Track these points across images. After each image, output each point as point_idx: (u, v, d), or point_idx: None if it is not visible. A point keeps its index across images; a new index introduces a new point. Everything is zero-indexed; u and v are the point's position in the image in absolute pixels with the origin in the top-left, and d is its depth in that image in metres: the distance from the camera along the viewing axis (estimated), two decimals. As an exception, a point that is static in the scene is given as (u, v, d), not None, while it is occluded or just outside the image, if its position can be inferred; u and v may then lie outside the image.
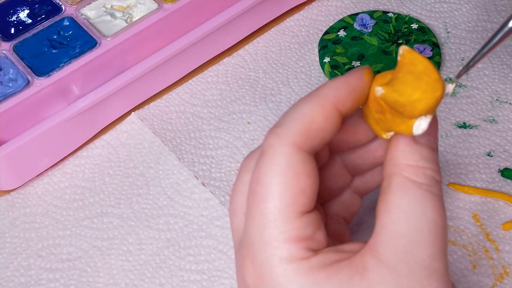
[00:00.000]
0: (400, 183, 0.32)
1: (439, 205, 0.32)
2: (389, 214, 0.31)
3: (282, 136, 0.32)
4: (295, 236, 0.31)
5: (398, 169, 0.32)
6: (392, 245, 0.31)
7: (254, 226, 0.32)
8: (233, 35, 0.60)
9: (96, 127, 0.55)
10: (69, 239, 0.50)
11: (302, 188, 0.31)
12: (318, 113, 0.32)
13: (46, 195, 0.53)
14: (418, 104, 0.31)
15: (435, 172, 0.32)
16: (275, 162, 0.32)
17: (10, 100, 0.51)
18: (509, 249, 0.47)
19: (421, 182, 0.32)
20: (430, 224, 0.31)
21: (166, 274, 0.48)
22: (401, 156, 0.33)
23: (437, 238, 0.31)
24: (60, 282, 0.48)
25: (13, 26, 0.56)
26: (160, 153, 0.54)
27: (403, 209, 0.31)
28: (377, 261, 0.30)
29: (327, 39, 0.60)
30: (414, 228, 0.31)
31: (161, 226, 0.50)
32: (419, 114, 0.31)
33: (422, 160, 0.32)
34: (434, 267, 0.31)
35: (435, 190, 0.32)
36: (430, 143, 0.33)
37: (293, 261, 0.31)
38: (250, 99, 0.57)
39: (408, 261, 0.30)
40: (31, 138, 0.51)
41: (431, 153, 0.33)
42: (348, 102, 0.33)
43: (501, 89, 0.56)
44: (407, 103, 0.31)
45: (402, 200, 0.31)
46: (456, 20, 0.61)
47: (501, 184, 0.50)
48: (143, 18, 0.55)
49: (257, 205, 0.32)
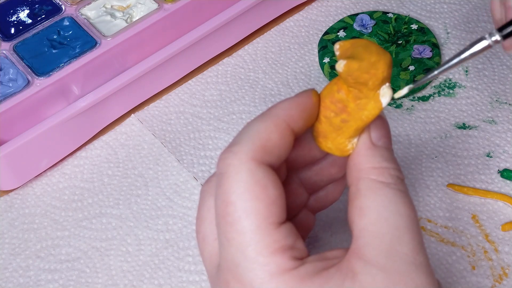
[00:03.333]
0: (368, 186, 0.33)
1: (408, 201, 0.33)
2: (365, 217, 0.32)
3: (240, 154, 0.32)
4: (279, 247, 0.31)
5: (363, 173, 0.33)
6: (376, 245, 0.31)
7: (234, 248, 0.32)
8: (232, 36, 0.60)
9: (95, 128, 0.55)
10: (68, 240, 0.50)
11: (272, 199, 0.32)
12: (272, 131, 0.33)
13: (45, 195, 0.53)
14: (379, 64, 0.33)
15: (398, 171, 0.34)
16: (239, 179, 0.32)
17: (10, 100, 0.51)
18: (508, 250, 0.47)
19: (389, 182, 0.33)
20: (406, 220, 0.32)
21: (165, 275, 0.48)
22: (364, 160, 0.34)
23: (415, 232, 0.32)
24: (59, 282, 0.48)
25: (13, 26, 0.56)
26: (159, 154, 0.54)
27: (378, 210, 0.32)
28: (365, 263, 0.31)
29: (326, 39, 0.60)
30: (393, 226, 0.32)
31: (160, 226, 0.50)
32: (382, 76, 0.33)
33: (385, 161, 0.34)
34: (418, 261, 0.31)
35: (402, 187, 0.33)
36: (387, 145, 0.35)
37: (283, 273, 0.31)
38: (249, 99, 0.57)
39: (394, 258, 0.31)
40: (31, 138, 0.51)
41: (390, 153, 0.34)
42: (300, 121, 0.34)
43: (500, 90, 0.56)
44: (370, 65, 0.33)
45: (374, 201, 0.32)
46: (456, 20, 0.61)
47: (500, 185, 0.50)
48: (143, 18, 0.55)
49: (231, 226, 0.32)
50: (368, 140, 0.34)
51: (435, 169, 0.51)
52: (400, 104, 0.56)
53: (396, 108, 0.55)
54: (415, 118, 0.55)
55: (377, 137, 0.35)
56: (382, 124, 0.35)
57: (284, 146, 0.34)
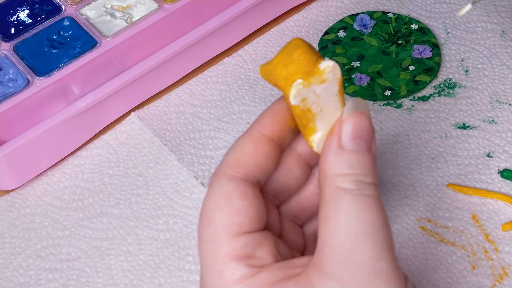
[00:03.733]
0: (331, 194, 0.32)
1: (373, 203, 0.32)
2: (327, 227, 0.31)
3: (217, 171, 0.34)
4: (236, 255, 0.32)
5: (328, 181, 0.32)
6: (334, 256, 0.30)
7: (201, 257, 0.33)
8: (233, 35, 0.60)
9: (95, 127, 0.55)
10: (69, 239, 0.50)
11: (235, 209, 0.32)
12: (245, 143, 0.34)
13: (45, 195, 0.53)
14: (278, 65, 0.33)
15: (365, 176, 0.32)
16: (211, 193, 0.33)
17: (10, 100, 0.51)
18: (508, 250, 0.47)
19: (351, 188, 0.32)
20: (367, 226, 0.31)
21: (165, 274, 0.48)
22: (328, 166, 0.33)
23: (377, 237, 0.31)
24: (60, 282, 0.48)
25: (13, 26, 0.56)
26: (159, 153, 0.54)
27: (338, 219, 0.31)
28: (322, 275, 0.30)
29: (327, 39, 0.60)
30: (352, 235, 0.31)
31: (161, 226, 0.50)
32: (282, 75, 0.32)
33: (349, 168, 0.32)
34: (378, 268, 0.30)
35: (367, 191, 0.32)
36: (359, 146, 0.33)
37: (239, 280, 0.31)
38: (249, 99, 0.57)
39: (351, 268, 0.30)
40: (31, 138, 0.51)
41: (359, 157, 0.33)
42: (274, 125, 0.35)
43: (500, 89, 0.56)
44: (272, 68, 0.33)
45: (336, 210, 0.31)
46: (456, 20, 0.61)
47: (500, 185, 0.50)
48: (143, 18, 0.55)
49: (199, 236, 0.33)
50: (335, 143, 0.33)
51: (435, 169, 0.51)
52: (400, 104, 0.56)
53: (396, 108, 0.55)
54: (415, 118, 0.55)
55: (347, 138, 0.33)
56: (357, 123, 0.33)
57: (262, 154, 0.34)
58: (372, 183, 0.32)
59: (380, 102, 0.56)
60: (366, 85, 0.56)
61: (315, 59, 0.33)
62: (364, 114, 0.33)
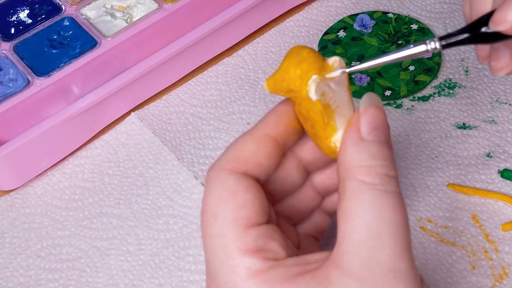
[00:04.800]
0: (354, 187, 0.31)
1: (396, 202, 0.31)
2: (348, 222, 0.31)
3: (215, 166, 0.34)
4: (247, 249, 0.31)
5: (349, 173, 0.32)
6: (354, 254, 0.30)
7: (209, 254, 0.32)
8: (233, 35, 0.60)
9: (96, 127, 0.55)
10: (69, 239, 0.50)
11: (241, 203, 0.32)
12: (248, 141, 0.34)
13: (45, 195, 0.53)
14: (289, 67, 0.33)
15: (388, 168, 0.32)
16: (212, 189, 0.33)
17: (10, 100, 0.51)
18: (508, 250, 0.47)
19: (374, 183, 0.31)
20: (389, 225, 0.31)
21: (165, 274, 0.48)
22: (350, 158, 0.32)
23: (398, 237, 0.31)
24: (60, 282, 0.48)
25: (13, 26, 0.56)
26: (159, 153, 0.54)
27: (361, 215, 0.31)
28: (341, 272, 0.30)
29: (327, 39, 0.60)
30: (374, 233, 0.30)
31: (161, 226, 0.50)
32: (296, 76, 0.33)
33: (372, 159, 0.32)
34: (398, 268, 0.30)
35: (390, 187, 0.31)
36: (379, 138, 0.33)
37: (254, 275, 0.31)
38: (249, 99, 0.57)
39: (372, 267, 0.30)
40: (31, 138, 0.51)
41: (380, 148, 0.32)
42: (279, 126, 0.35)
43: (500, 90, 0.56)
44: (282, 73, 0.34)
45: (358, 205, 0.31)
46: (456, 20, 0.61)
47: (500, 185, 0.50)
48: (143, 18, 0.55)
49: (205, 232, 0.33)
50: (355, 134, 0.33)
51: (435, 169, 0.51)
52: (400, 104, 0.56)
53: (396, 108, 0.55)
54: (415, 118, 0.55)
55: (367, 130, 0.33)
56: (375, 115, 0.33)
57: (263, 153, 0.34)
58: (394, 176, 0.32)
59: (380, 102, 0.56)
60: (366, 85, 0.56)
61: (321, 57, 0.34)
62: (380, 108, 0.34)
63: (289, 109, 0.35)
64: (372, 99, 0.34)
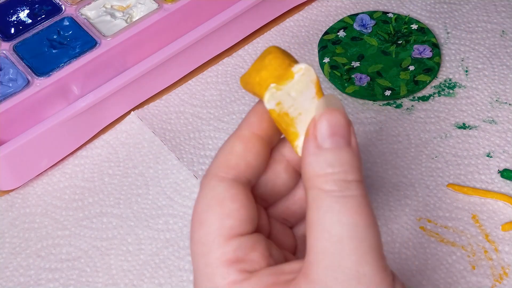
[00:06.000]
0: (314, 197, 0.31)
1: (356, 205, 0.30)
2: (312, 232, 0.31)
3: (207, 174, 0.34)
4: (227, 259, 0.31)
5: (310, 183, 0.31)
6: (319, 263, 0.30)
7: (194, 260, 0.33)
8: (233, 35, 0.60)
9: (96, 127, 0.55)
10: (69, 239, 0.50)
11: (227, 212, 0.32)
12: (235, 143, 0.34)
13: (45, 195, 0.53)
14: (252, 72, 0.33)
15: (345, 174, 0.31)
16: (202, 196, 0.33)
17: (10, 100, 0.51)
18: (508, 250, 0.47)
19: (331, 190, 0.31)
20: (349, 229, 0.30)
21: (165, 274, 0.48)
22: (308, 169, 0.32)
23: (360, 240, 0.30)
24: (60, 282, 0.48)
25: (13, 26, 0.56)
26: (159, 153, 0.54)
27: (321, 223, 0.30)
28: (309, 283, 0.30)
29: (326, 39, 0.60)
30: (334, 240, 0.30)
31: (161, 226, 0.50)
32: (255, 81, 0.33)
33: (329, 167, 0.31)
34: (361, 273, 0.30)
35: (349, 192, 0.31)
36: (337, 144, 0.32)
37: (229, 286, 0.31)
38: (249, 99, 0.57)
39: (336, 275, 0.30)
40: (31, 138, 0.51)
41: (338, 154, 0.31)
42: (262, 123, 0.34)
43: (500, 89, 0.56)
44: (248, 76, 0.33)
45: (318, 214, 0.31)
46: (456, 20, 0.61)
47: (500, 185, 0.50)
48: (143, 18, 0.55)
49: (192, 239, 0.33)
50: (312, 143, 0.32)
51: (435, 169, 0.51)
52: (400, 104, 0.56)
53: (396, 108, 0.55)
54: (415, 118, 0.55)
55: (323, 137, 0.32)
56: (331, 121, 0.32)
57: (252, 153, 0.34)
58: (355, 180, 0.31)
59: (380, 102, 0.56)
60: (366, 85, 0.56)
61: (287, 63, 0.33)
62: (336, 110, 0.32)
63: None
64: (328, 102, 0.33)
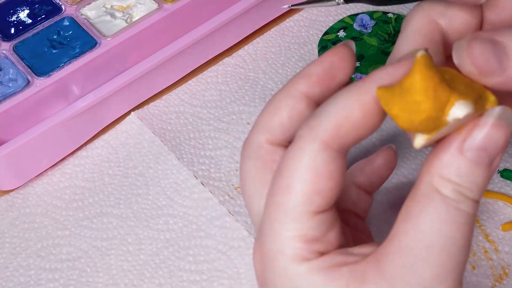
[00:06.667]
0: (425, 192, 0.29)
1: (464, 222, 0.29)
2: (404, 223, 0.29)
3: (313, 129, 0.30)
4: (303, 235, 0.30)
5: (428, 177, 0.29)
6: (397, 258, 0.29)
7: (267, 217, 0.31)
8: (233, 36, 0.60)
9: (96, 127, 0.55)
10: (69, 239, 0.50)
11: (319, 189, 0.30)
12: (355, 108, 0.30)
13: (45, 195, 0.53)
14: (397, 120, 0.29)
15: (470, 191, 0.29)
16: (299, 158, 0.30)
17: (10, 100, 0.51)
18: (508, 250, 0.47)
19: (448, 196, 0.29)
20: (445, 242, 0.28)
21: (165, 274, 0.48)
22: (436, 164, 0.29)
23: (449, 258, 0.28)
24: (60, 282, 0.48)
25: (13, 26, 0.56)
26: (159, 153, 0.54)
27: (420, 221, 0.29)
28: (378, 273, 0.29)
29: (326, 39, 0.60)
30: (424, 244, 0.28)
31: (161, 226, 0.50)
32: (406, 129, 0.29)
33: (456, 176, 0.29)
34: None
35: (463, 206, 0.29)
36: (478, 159, 0.29)
37: (295, 261, 0.30)
38: (249, 99, 0.57)
39: (409, 279, 0.28)
40: (31, 138, 0.51)
41: (473, 170, 0.29)
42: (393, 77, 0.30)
43: (500, 90, 0.56)
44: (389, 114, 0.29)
45: (422, 210, 0.29)
46: (456, 20, 0.61)
47: (500, 185, 0.50)
48: (143, 18, 0.55)
49: (274, 197, 0.31)
50: (457, 144, 0.29)
51: (435, 169, 0.51)
52: (400, 104, 0.56)
53: (396, 108, 0.55)
54: (415, 118, 0.55)
55: (471, 146, 0.29)
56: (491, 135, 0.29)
57: (368, 125, 0.30)
58: (473, 199, 0.29)
59: (380, 102, 0.56)
60: (366, 85, 0.56)
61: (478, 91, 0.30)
62: (504, 129, 0.29)
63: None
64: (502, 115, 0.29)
